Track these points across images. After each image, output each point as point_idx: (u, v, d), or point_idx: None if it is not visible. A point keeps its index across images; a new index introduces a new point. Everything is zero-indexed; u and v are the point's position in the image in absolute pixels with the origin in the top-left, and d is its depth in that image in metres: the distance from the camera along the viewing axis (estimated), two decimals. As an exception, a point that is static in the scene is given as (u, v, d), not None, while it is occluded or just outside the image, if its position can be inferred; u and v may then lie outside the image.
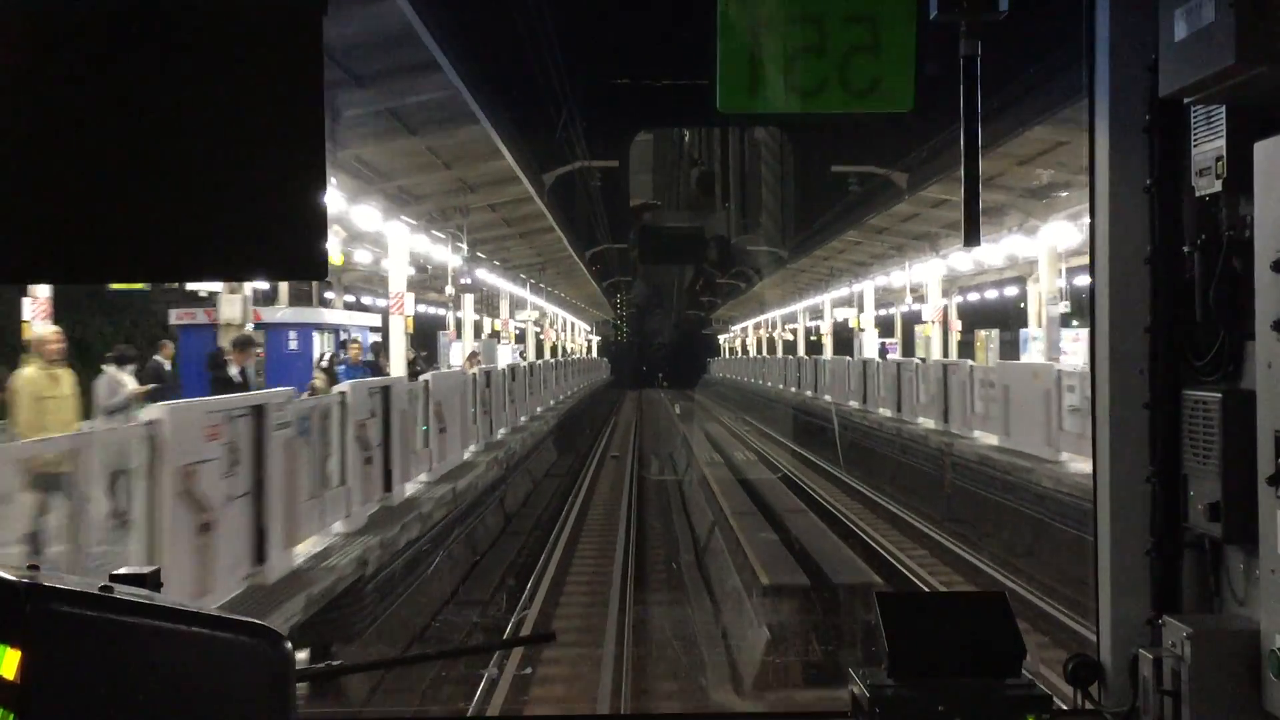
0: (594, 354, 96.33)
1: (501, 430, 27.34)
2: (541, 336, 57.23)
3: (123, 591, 1.75)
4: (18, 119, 1.95)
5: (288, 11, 1.97)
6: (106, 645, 1.66)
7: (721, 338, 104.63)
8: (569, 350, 71.62)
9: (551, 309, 58.10)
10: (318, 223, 1.99)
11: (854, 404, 36.42)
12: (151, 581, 1.94)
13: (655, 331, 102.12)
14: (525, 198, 28.38)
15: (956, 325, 36.66)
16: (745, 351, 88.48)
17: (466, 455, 21.92)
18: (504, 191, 27.48)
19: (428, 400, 18.57)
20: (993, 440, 22.20)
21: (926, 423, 27.40)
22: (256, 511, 10.77)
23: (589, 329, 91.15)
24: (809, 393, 46.08)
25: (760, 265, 57.89)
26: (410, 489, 16.60)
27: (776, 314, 69.18)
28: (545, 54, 24.59)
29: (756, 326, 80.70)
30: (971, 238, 3.01)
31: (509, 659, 11.64)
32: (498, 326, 42.62)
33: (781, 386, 54.20)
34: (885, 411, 31.86)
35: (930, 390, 27.64)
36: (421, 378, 19.87)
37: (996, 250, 27.93)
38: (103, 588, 1.74)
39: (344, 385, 15.09)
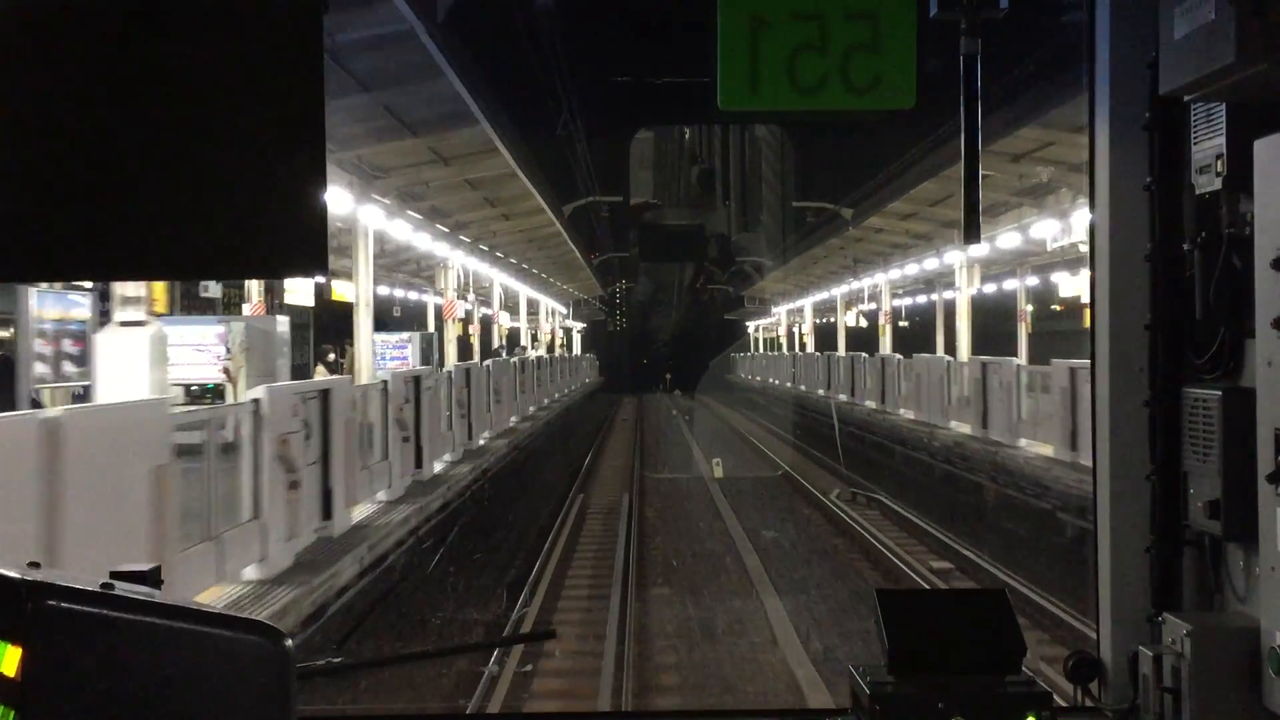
0: (576, 348, 69.20)
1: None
2: (464, 308, 31.91)
3: (123, 589, 1.75)
4: (17, 118, 1.95)
5: (288, 11, 1.98)
6: (107, 643, 1.66)
7: (752, 325, 76.86)
8: (527, 343, 45.81)
9: (470, 264, 31.08)
10: (318, 221, 2.00)
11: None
12: (152, 579, 1.94)
13: (659, 327, 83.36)
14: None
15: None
16: (798, 346, 58.29)
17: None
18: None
19: None
20: None
21: None
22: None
23: (564, 311, 62.23)
24: (989, 434, 22.61)
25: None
26: None
27: (895, 274, 36.54)
28: (546, 52, 24.44)
29: (840, 306, 47.04)
30: (971, 235, 3.02)
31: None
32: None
33: (960, 427, 25.01)
34: None
35: None
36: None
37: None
38: (103, 585, 1.74)
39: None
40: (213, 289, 24.49)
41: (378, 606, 13.55)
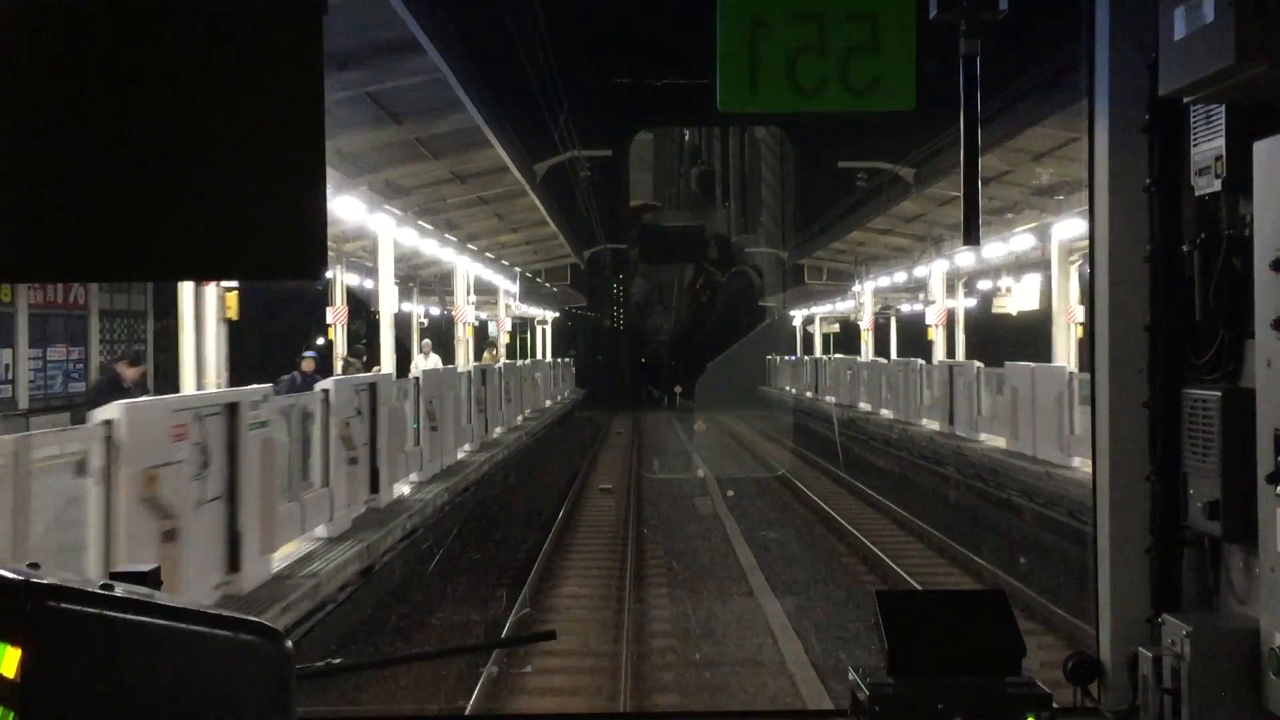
0: (543, 348, 51.48)
1: None
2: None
3: (123, 589, 1.75)
4: (17, 118, 1.95)
5: (288, 11, 1.98)
6: (106, 643, 1.66)
7: (800, 315, 54.89)
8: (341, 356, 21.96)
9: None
10: (317, 222, 2.00)
11: None
12: (151, 579, 1.94)
13: (658, 327, 67.93)
14: None
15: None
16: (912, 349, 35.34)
17: None
18: None
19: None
20: None
21: None
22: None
23: (511, 292, 37.94)
24: None
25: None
26: None
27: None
28: (544, 53, 24.30)
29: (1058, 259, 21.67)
30: (971, 237, 3.01)
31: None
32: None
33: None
34: None
35: None
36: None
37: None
38: (103, 585, 1.74)
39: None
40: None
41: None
